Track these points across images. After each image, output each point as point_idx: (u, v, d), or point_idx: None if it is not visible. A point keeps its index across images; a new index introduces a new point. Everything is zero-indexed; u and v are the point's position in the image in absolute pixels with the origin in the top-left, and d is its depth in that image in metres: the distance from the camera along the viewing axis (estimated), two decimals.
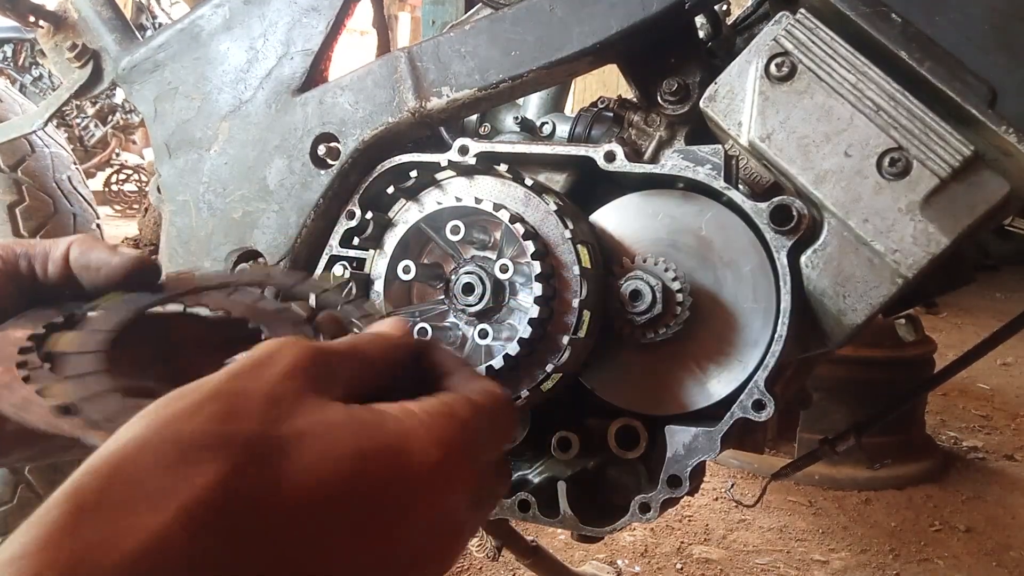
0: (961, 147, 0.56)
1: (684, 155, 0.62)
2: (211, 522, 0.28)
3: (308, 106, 0.74)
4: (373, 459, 0.33)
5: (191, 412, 0.31)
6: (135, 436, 0.30)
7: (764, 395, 0.57)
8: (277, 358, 0.35)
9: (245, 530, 0.29)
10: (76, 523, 0.27)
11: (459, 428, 0.37)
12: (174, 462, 0.29)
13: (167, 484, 0.28)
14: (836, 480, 2.37)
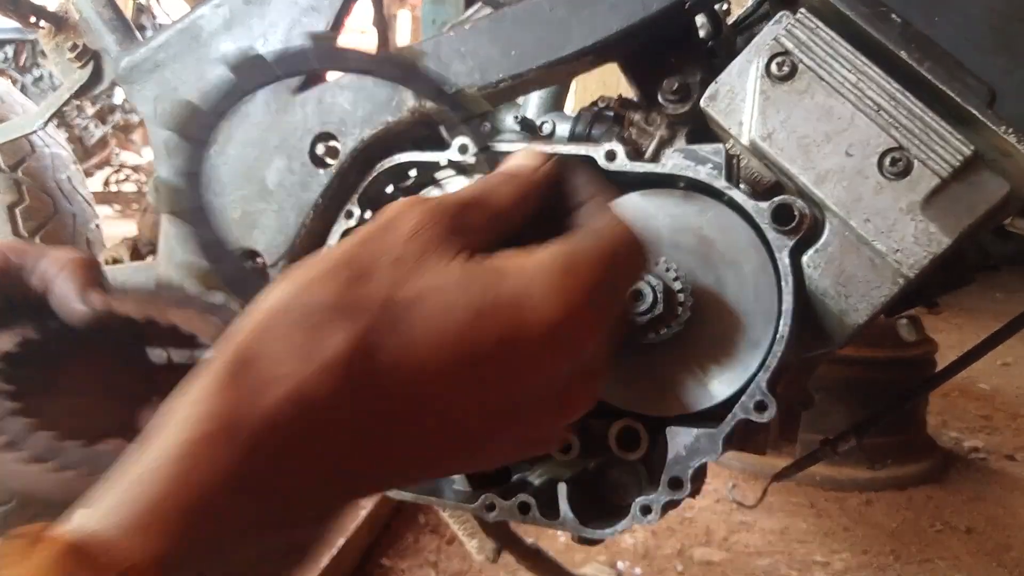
0: (961, 147, 0.56)
1: (685, 154, 0.62)
2: (345, 376, 0.32)
3: (307, 105, 0.74)
4: (490, 316, 0.34)
5: (324, 279, 0.34)
6: (277, 301, 0.34)
7: (766, 396, 0.57)
8: (400, 221, 0.37)
9: (373, 384, 0.32)
10: (234, 374, 0.32)
11: (581, 278, 0.37)
12: (313, 324, 0.32)
13: (308, 344, 0.32)
14: (837, 481, 2.37)
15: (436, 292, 0.34)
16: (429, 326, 0.34)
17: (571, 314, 0.36)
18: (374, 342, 0.33)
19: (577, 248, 0.38)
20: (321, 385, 0.32)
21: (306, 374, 0.32)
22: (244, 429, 0.31)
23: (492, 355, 0.34)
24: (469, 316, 0.34)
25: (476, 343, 0.34)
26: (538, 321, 0.35)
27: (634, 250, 0.42)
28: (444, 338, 0.34)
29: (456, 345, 0.34)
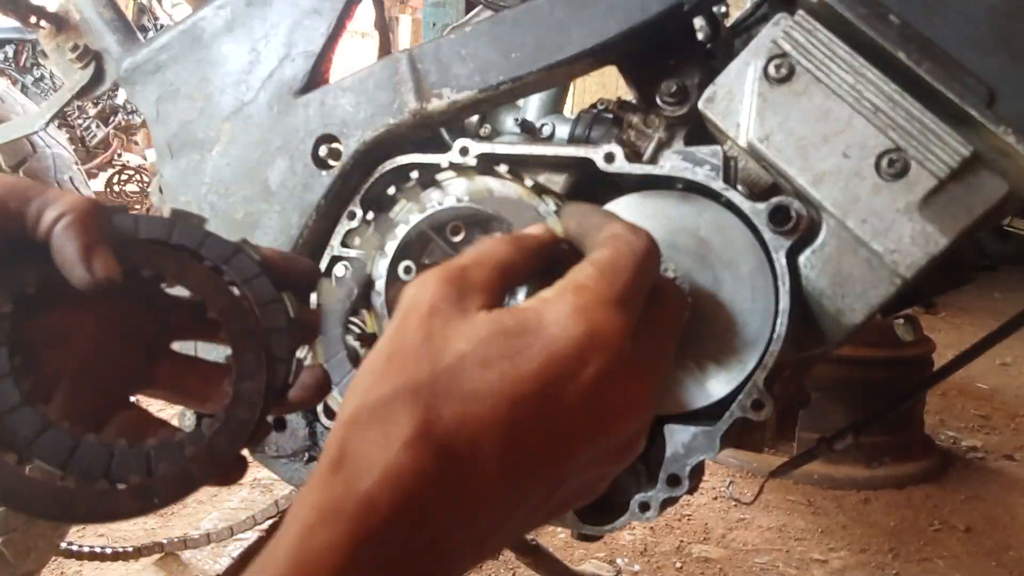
0: (959, 148, 0.57)
1: (683, 156, 0.62)
2: (421, 448, 0.37)
3: (310, 107, 0.75)
4: (524, 354, 0.39)
5: (377, 379, 0.40)
6: (349, 411, 0.39)
7: (763, 395, 0.57)
8: (415, 303, 0.42)
9: (447, 449, 0.37)
10: (332, 472, 0.37)
11: (591, 292, 0.41)
12: (382, 419, 0.38)
13: (383, 434, 0.37)
14: (835, 479, 2.37)
15: (470, 352, 0.39)
16: (475, 382, 0.38)
17: (592, 326, 0.39)
18: (435, 413, 0.37)
19: (581, 270, 0.43)
20: (403, 462, 0.36)
21: (389, 457, 0.36)
22: (345, 513, 0.36)
23: (537, 388, 0.38)
24: (505, 362, 0.38)
25: (520, 382, 0.38)
26: (566, 341, 0.39)
27: (637, 246, 0.44)
28: (492, 387, 0.38)
29: (503, 390, 0.38)
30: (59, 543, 1.47)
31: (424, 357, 0.39)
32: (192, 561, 1.83)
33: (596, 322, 0.40)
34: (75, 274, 0.48)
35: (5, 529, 1.32)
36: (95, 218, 0.50)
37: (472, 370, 0.38)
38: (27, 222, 0.48)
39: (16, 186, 0.48)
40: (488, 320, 0.40)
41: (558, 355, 0.39)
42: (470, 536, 0.39)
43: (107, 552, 1.73)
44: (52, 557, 1.55)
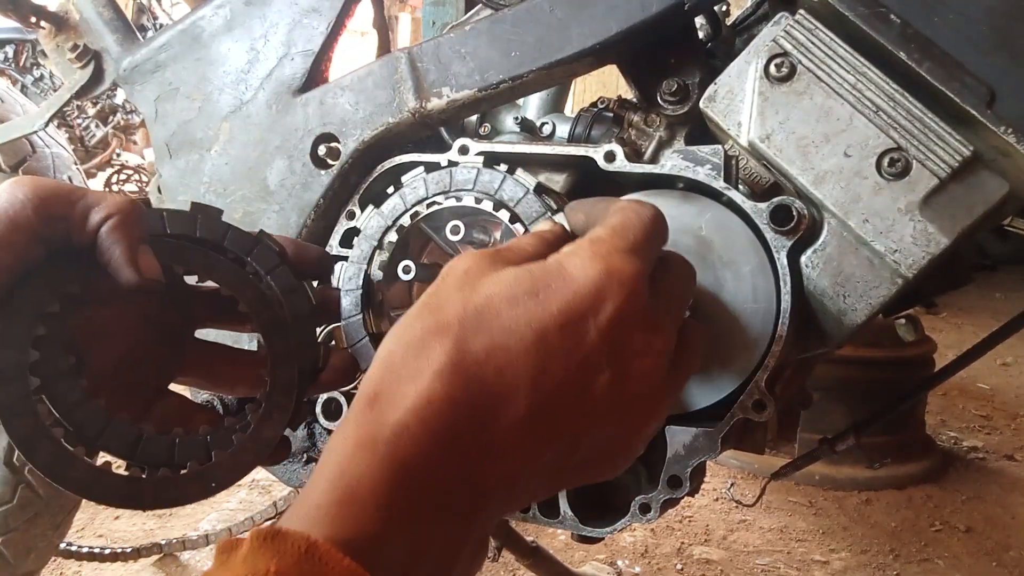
0: (960, 147, 0.57)
1: (684, 155, 0.62)
2: (452, 376, 0.39)
3: (309, 106, 0.74)
4: (545, 292, 0.42)
5: (413, 321, 0.42)
6: (384, 350, 0.42)
7: (764, 395, 0.57)
8: (454, 265, 0.45)
9: (476, 377, 0.39)
10: (367, 406, 0.40)
11: (606, 242, 0.44)
12: (416, 353, 0.40)
13: (416, 366, 0.40)
14: (836, 480, 2.37)
15: (498, 292, 0.42)
16: (503, 318, 0.41)
17: (609, 267, 0.43)
18: (465, 345, 0.40)
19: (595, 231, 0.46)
20: (434, 390, 0.39)
21: (422, 387, 0.39)
22: (380, 442, 0.38)
23: (561, 322, 0.41)
24: (531, 300, 0.41)
25: (545, 317, 0.41)
26: (585, 279, 0.42)
27: (644, 212, 0.48)
28: (518, 322, 0.41)
29: (529, 323, 0.41)
30: (59, 543, 1.47)
31: (456, 300, 0.42)
32: (191, 562, 1.83)
33: (612, 265, 0.43)
34: (123, 275, 0.49)
35: (5, 529, 1.32)
36: (138, 219, 0.52)
37: (501, 308, 0.41)
38: (71, 224, 0.49)
39: (59, 189, 0.49)
40: (515, 269, 0.43)
41: (579, 292, 0.42)
42: (500, 472, 0.40)
43: (106, 552, 1.72)
44: (52, 557, 1.54)
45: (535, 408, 0.40)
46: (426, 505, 0.38)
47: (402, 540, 0.37)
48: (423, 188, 0.68)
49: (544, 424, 0.41)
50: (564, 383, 0.41)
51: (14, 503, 1.33)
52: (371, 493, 0.36)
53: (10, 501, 1.33)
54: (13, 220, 0.47)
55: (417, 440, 0.38)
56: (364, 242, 0.69)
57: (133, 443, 0.52)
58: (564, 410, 0.41)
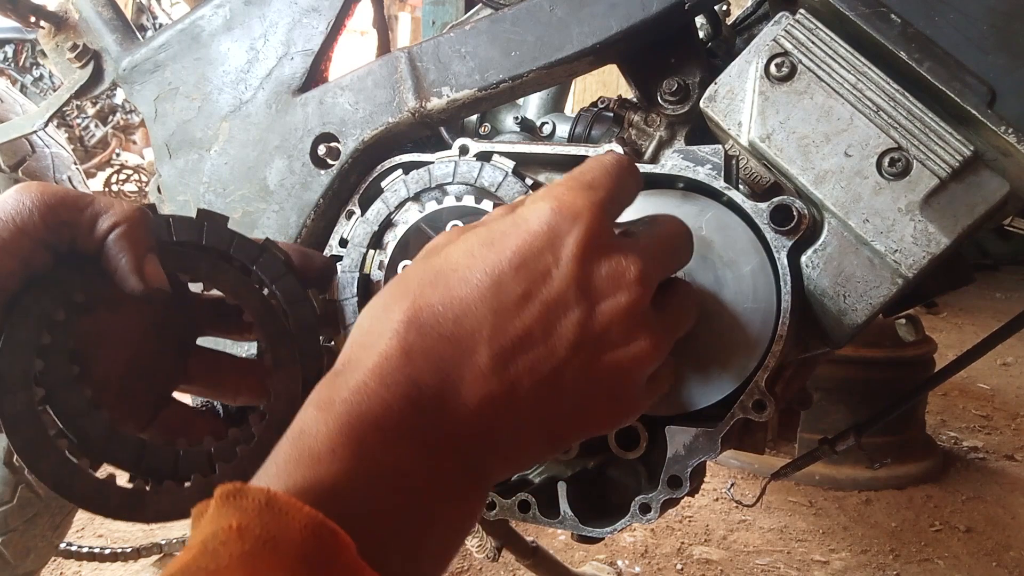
0: (961, 147, 0.56)
1: (684, 155, 0.62)
2: (408, 331, 0.40)
3: (308, 106, 0.74)
4: (500, 240, 0.42)
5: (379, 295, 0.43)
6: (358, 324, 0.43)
7: (765, 395, 0.57)
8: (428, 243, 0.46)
9: (435, 329, 0.40)
10: (335, 374, 0.40)
11: (562, 184, 0.44)
12: (380, 318, 0.41)
13: (380, 329, 0.40)
14: (836, 480, 2.37)
15: (455, 250, 0.42)
16: (458, 271, 0.41)
17: (561, 203, 0.42)
18: (421, 301, 0.40)
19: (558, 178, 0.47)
20: (391, 347, 0.39)
21: (380, 347, 0.39)
22: (337, 401, 0.38)
23: (517, 262, 0.41)
24: (486, 249, 0.41)
25: (500, 261, 0.41)
26: (537, 218, 0.42)
27: (603, 157, 0.47)
28: (472, 270, 0.41)
29: (482, 270, 0.41)
30: (58, 543, 1.47)
31: (419, 267, 0.43)
32: None
33: (563, 200, 0.42)
34: (129, 283, 0.49)
35: (5, 529, 1.32)
36: (146, 227, 0.51)
37: (458, 263, 0.41)
38: (79, 231, 0.49)
39: (67, 196, 0.49)
40: (476, 230, 0.44)
41: (532, 231, 0.41)
42: (472, 419, 0.39)
43: (106, 553, 1.72)
44: (52, 557, 1.54)
45: (498, 350, 0.39)
46: (388, 455, 0.37)
47: (363, 490, 0.36)
48: (404, 189, 0.68)
49: (511, 365, 0.40)
50: (527, 323, 0.40)
51: (14, 503, 1.33)
52: (328, 448, 0.36)
53: (10, 501, 1.33)
54: (20, 227, 0.47)
55: (376, 394, 0.38)
56: (353, 251, 0.69)
57: (137, 454, 0.52)
58: (531, 350, 0.40)
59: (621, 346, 0.42)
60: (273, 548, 0.32)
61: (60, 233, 0.48)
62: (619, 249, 0.43)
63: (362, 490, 0.36)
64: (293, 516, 0.33)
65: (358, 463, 0.37)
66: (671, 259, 0.48)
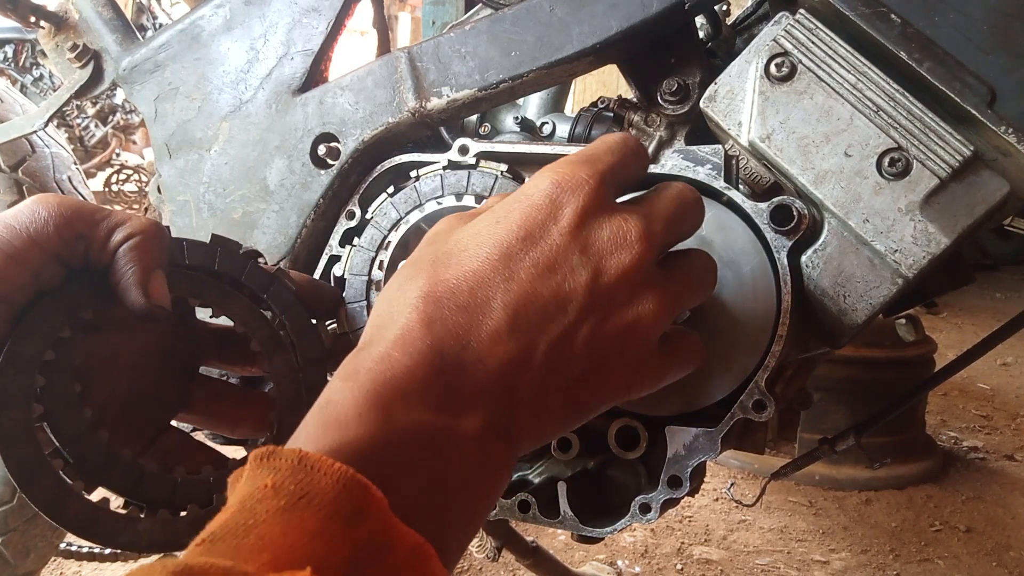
0: (961, 147, 0.57)
1: (684, 155, 0.62)
2: (427, 303, 0.41)
3: (308, 106, 0.74)
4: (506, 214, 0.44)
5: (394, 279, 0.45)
6: (375, 308, 0.45)
7: (765, 395, 0.57)
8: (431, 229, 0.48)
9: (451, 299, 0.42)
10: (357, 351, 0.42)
11: (562, 162, 0.45)
12: (397, 297, 0.43)
13: (398, 307, 0.42)
14: (836, 480, 2.37)
15: (466, 231, 0.44)
16: (471, 248, 0.43)
17: (560, 176, 0.44)
18: (438, 277, 0.42)
19: None
20: (411, 319, 0.41)
21: (400, 321, 0.41)
22: (362, 371, 0.39)
23: (523, 234, 0.43)
24: (494, 226, 0.43)
25: (507, 234, 0.43)
26: (537, 191, 0.44)
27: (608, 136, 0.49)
28: (482, 246, 0.43)
29: (491, 244, 0.43)
30: (58, 543, 1.47)
31: (430, 250, 0.45)
32: None
33: (563, 173, 0.44)
34: (130, 296, 0.49)
35: (5, 529, 1.32)
36: (160, 243, 0.51)
37: (468, 242, 0.44)
38: (93, 244, 0.49)
39: (82, 208, 0.49)
40: (480, 216, 0.46)
41: (534, 204, 0.43)
42: (491, 381, 0.41)
43: (106, 553, 1.72)
44: (52, 557, 1.54)
45: (512, 313, 0.41)
46: (413, 419, 0.38)
47: (391, 452, 0.37)
48: (393, 211, 0.68)
49: (526, 328, 0.41)
50: (537, 288, 0.42)
51: (14, 503, 1.33)
52: (355, 413, 0.38)
53: (10, 501, 1.33)
54: (33, 238, 0.46)
55: (399, 363, 0.39)
56: (356, 280, 0.69)
57: (135, 481, 0.51)
58: (542, 312, 0.42)
59: (626, 305, 0.44)
60: (308, 503, 0.33)
61: (74, 247, 0.48)
62: (620, 212, 0.45)
63: (390, 452, 0.37)
64: (325, 472, 0.34)
65: (385, 426, 0.38)
66: (677, 222, 0.49)
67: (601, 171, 0.45)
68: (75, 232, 0.48)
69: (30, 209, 0.47)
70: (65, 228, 0.47)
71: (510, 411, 0.41)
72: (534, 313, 0.42)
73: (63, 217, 0.47)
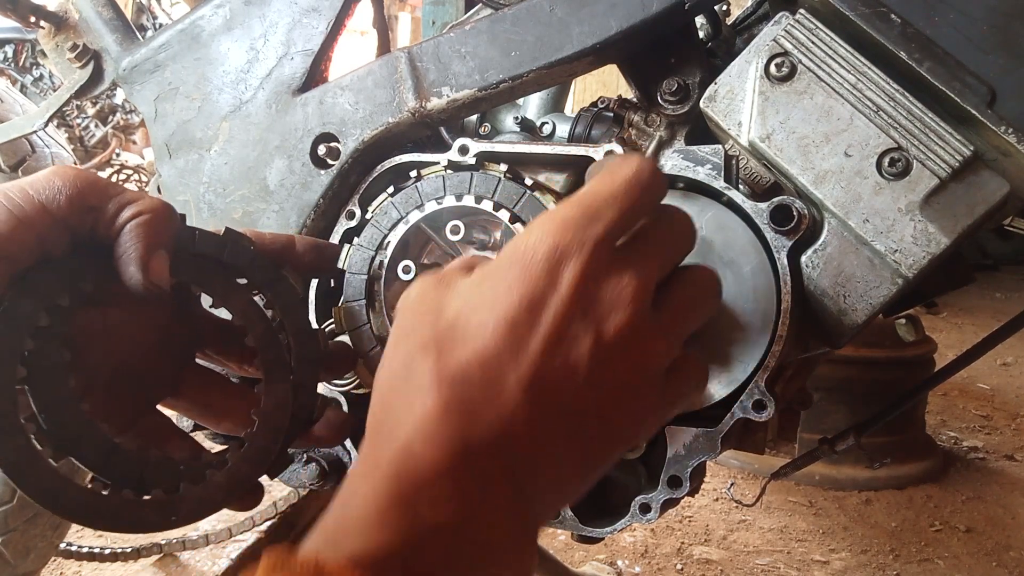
0: (961, 147, 0.56)
1: (684, 155, 0.62)
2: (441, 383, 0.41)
3: (308, 106, 0.74)
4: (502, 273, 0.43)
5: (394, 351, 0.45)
6: (377, 385, 0.45)
7: (765, 395, 0.57)
8: (408, 293, 0.48)
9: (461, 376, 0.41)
10: (371, 439, 0.43)
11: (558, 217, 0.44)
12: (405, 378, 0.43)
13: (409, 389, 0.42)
14: (836, 480, 2.37)
15: (462, 304, 0.44)
16: (472, 323, 0.42)
17: (558, 237, 0.43)
18: (445, 357, 0.42)
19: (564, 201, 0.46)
20: (427, 406, 0.40)
21: (416, 408, 0.41)
22: (383, 465, 0.40)
23: (526, 303, 0.42)
24: (493, 297, 0.43)
25: (509, 306, 0.42)
26: (535, 257, 0.43)
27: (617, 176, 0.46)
28: (486, 321, 0.42)
29: (497, 317, 0.42)
30: (58, 543, 1.47)
31: (427, 322, 0.44)
32: (190, 562, 1.83)
33: (562, 238, 0.43)
34: (129, 272, 0.49)
35: (5, 529, 1.31)
36: (168, 224, 0.51)
37: (469, 316, 0.43)
38: (102, 217, 0.49)
39: (97, 181, 0.49)
40: (470, 279, 0.45)
41: (534, 274, 0.43)
42: (515, 459, 0.40)
43: (106, 553, 1.72)
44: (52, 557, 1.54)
45: (526, 389, 0.41)
46: (439, 514, 0.38)
47: (418, 555, 0.37)
48: (394, 211, 0.68)
49: (540, 401, 0.41)
50: (546, 359, 0.42)
51: (14, 503, 1.33)
52: (376, 515, 0.37)
53: (10, 501, 1.33)
54: (44, 205, 0.47)
55: (422, 456, 0.39)
56: (355, 279, 0.69)
57: (105, 456, 0.50)
58: (555, 384, 0.42)
59: (629, 358, 0.44)
60: None
61: (83, 218, 0.48)
62: (616, 270, 0.44)
63: (416, 555, 0.37)
64: None
65: (411, 528, 0.37)
66: (668, 258, 0.49)
67: (599, 234, 0.44)
68: (86, 204, 0.48)
69: (47, 178, 0.48)
70: (77, 199, 0.48)
71: (532, 486, 0.42)
72: (548, 386, 0.42)
73: (76, 188, 0.48)
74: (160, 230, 0.50)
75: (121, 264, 0.49)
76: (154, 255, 0.49)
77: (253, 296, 0.57)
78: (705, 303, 0.50)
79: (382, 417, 0.43)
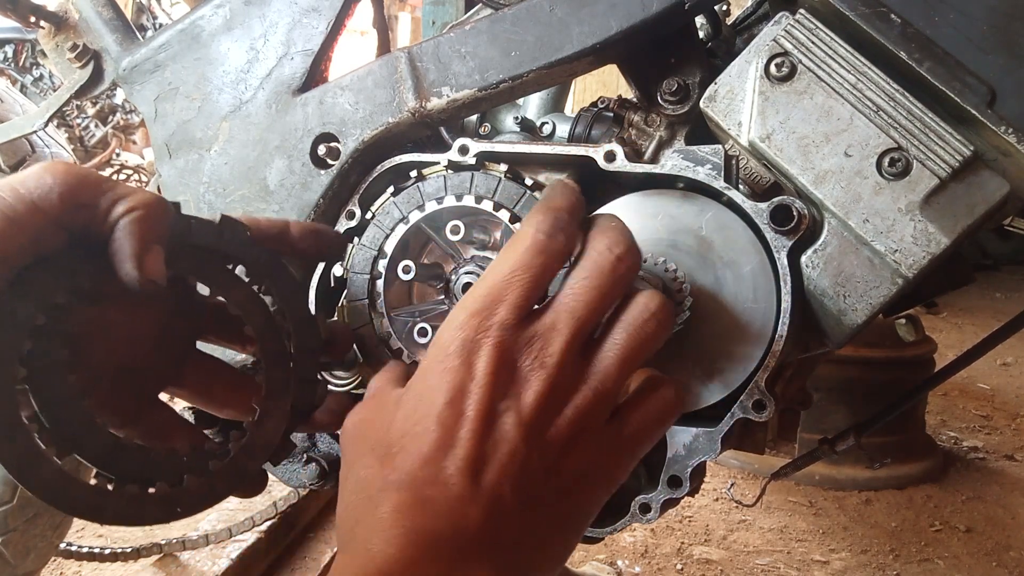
0: (961, 147, 0.56)
1: (684, 155, 0.62)
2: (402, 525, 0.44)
3: (308, 106, 0.74)
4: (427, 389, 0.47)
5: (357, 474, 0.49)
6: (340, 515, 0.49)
7: (765, 395, 0.57)
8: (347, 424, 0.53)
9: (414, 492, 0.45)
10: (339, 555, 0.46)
11: (466, 304, 0.48)
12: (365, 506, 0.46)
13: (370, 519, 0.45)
14: (836, 480, 2.37)
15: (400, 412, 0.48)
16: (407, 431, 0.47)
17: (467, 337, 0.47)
18: (389, 466, 0.46)
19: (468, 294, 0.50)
20: (381, 513, 0.44)
21: (374, 519, 0.44)
22: (348, 574, 0.42)
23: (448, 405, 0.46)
24: (420, 403, 0.47)
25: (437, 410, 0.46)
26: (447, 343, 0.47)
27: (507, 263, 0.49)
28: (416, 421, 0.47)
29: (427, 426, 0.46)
30: (58, 543, 1.47)
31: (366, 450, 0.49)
32: (190, 562, 1.83)
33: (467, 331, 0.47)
34: (125, 268, 0.48)
35: (5, 529, 1.31)
36: (161, 218, 0.51)
37: (407, 429, 0.47)
38: (95, 213, 0.49)
39: (89, 177, 0.49)
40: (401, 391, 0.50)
41: (450, 368, 0.47)
42: (485, 536, 0.43)
43: (106, 553, 1.72)
44: (52, 557, 1.54)
45: (465, 470, 0.44)
46: None
47: None
48: (396, 211, 0.68)
49: (484, 480, 0.45)
50: (477, 443, 0.45)
51: (14, 503, 1.33)
52: None
53: (10, 501, 1.33)
54: (36, 203, 0.46)
55: (381, 553, 0.42)
56: (358, 279, 0.69)
57: (109, 452, 0.50)
58: (492, 459, 0.45)
59: (560, 413, 0.48)
60: None
61: (76, 214, 0.48)
62: (526, 342, 0.47)
63: None
64: None
65: None
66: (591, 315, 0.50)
67: (504, 318, 0.47)
68: (78, 201, 0.48)
69: (37, 175, 0.47)
70: (69, 196, 0.47)
71: (512, 555, 0.45)
72: (486, 462, 0.45)
73: (67, 185, 0.47)
74: (153, 225, 0.49)
75: (116, 261, 0.49)
76: (148, 251, 0.49)
77: (251, 284, 0.57)
78: (649, 336, 0.51)
79: (348, 538, 0.46)
